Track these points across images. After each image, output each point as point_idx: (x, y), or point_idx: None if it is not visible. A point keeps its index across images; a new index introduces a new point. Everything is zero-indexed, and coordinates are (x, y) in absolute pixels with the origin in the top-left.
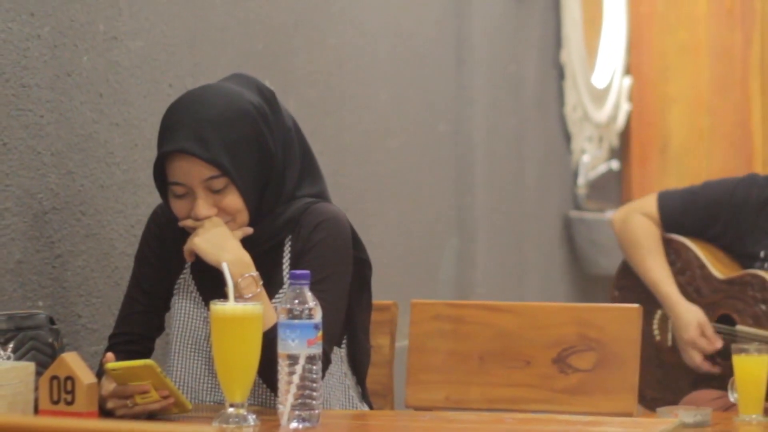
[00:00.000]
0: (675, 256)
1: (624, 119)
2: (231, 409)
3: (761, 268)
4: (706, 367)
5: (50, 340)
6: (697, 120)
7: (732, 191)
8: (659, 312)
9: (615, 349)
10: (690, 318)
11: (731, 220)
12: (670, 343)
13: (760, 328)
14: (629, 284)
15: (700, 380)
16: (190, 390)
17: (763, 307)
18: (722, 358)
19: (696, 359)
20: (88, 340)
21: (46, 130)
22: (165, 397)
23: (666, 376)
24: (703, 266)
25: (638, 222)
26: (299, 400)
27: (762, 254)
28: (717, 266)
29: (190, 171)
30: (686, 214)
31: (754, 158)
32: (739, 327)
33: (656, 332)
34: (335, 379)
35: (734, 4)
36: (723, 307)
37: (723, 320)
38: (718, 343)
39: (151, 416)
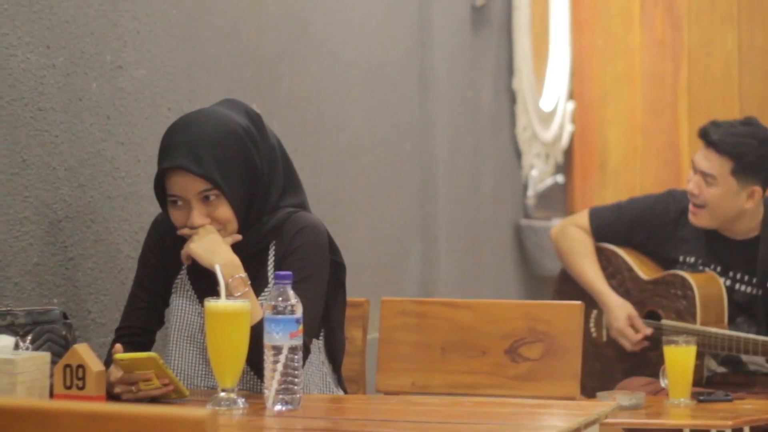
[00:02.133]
0: (606, 262)
1: (568, 138)
2: (223, 394)
3: (680, 269)
4: (636, 349)
5: (64, 332)
6: (631, 139)
7: (653, 205)
8: (595, 312)
9: (560, 341)
10: (620, 310)
11: (653, 230)
12: (605, 338)
13: (681, 321)
14: (567, 289)
15: (633, 370)
16: (186, 377)
17: (684, 302)
18: (650, 349)
19: (627, 346)
20: (97, 333)
21: (60, 148)
22: (165, 385)
23: (603, 368)
24: (630, 269)
25: (573, 233)
26: (283, 386)
27: (681, 258)
28: (643, 269)
29: (186, 185)
30: (614, 226)
31: (682, 173)
32: (664, 321)
33: (593, 330)
34: (314, 367)
35: (665, 36)
36: (649, 304)
37: (650, 316)
38: (648, 330)
39: (153, 400)
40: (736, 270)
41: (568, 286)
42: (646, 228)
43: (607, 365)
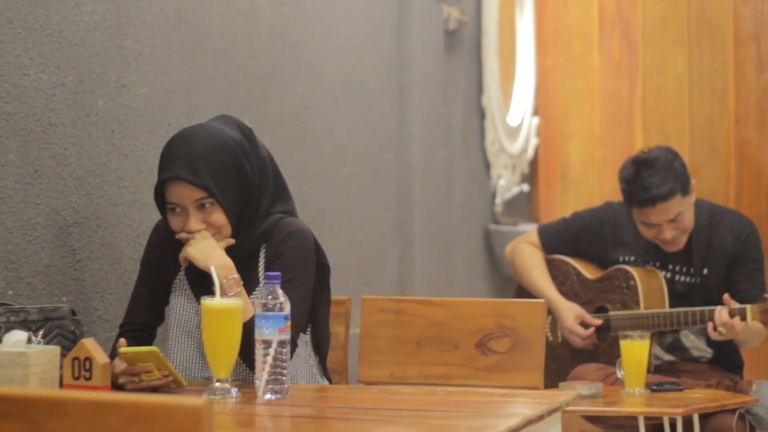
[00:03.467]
0: (557, 271)
1: (532, 151)
2: (217, 384)
3: None
4: (585, 345)
5: (72, 328)
6: (591, 152)
7: (594, 216)
8: (550, 317)
9: (525, 336)
10: (568, 312)
11: (596, 238)
12: (560, 339)
13: (627, 309)
14: None
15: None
16: (184, 369)
17: (628, 292)
18: (600, 340)
19: (577, 342)
20: (103, 328)
21: (69, 160)
22: (165, 376)
23: (559, 368)
24: (578, 273)
25: (524, 248)
26: (272, 377)
27: (621, 259)
28: (589, 271)
29: (184, 193)
30: (561, 238)
31: None
32: (612, 312)
33: (548, 334)
34: (301, 359)
35: (621, 58)
36: (597, 301)
37: (599, 311)
38: (598, 321)
39: (154, 390)
40: (674, 263)
41: (524, 296)
42: (590, 236)
43: (563, 365)
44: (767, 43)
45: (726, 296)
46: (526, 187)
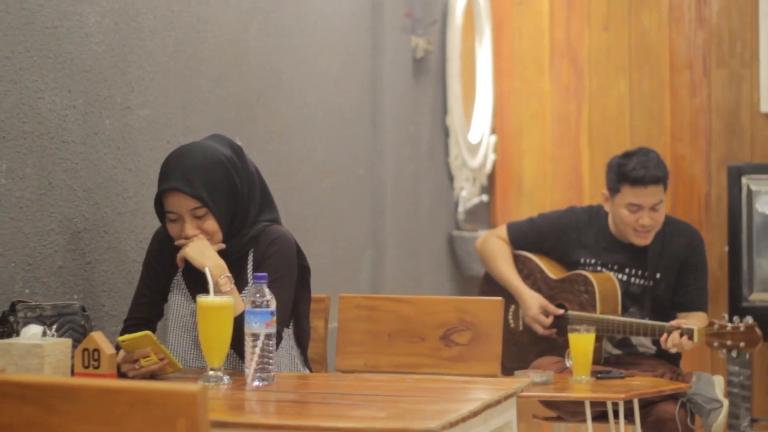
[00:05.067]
0: (522, 266)
1: (491, 165)
2: (211, 372)
3: (582, 270)
4: (547, 334)
5: (82, 323)
6: (542, 166)
7: (559, 219)
8: (513, 306)
9: (484, 330)
10: (533, 301)
11: (559, 238)
12: (521, 327)
13: (584, 311)
14: (489, 288)
15: (544, 353)
16: (181, 359)
17: (586, 296)
18: (558, 335)
19: (539, 330)
20: (109, 323)
21: (79, 174)
22: (161, 359)
23: (519, 352)
24: (542, 271)
25: (493, 242)
26: (260, 366)
27: (581, 261)
28: (552, 270)
29: (180, 203)
30: (527, 236)
31: (583, 194)
32: (570, 312)
33: (511, 321)
34: (285, 350)
35: (569, 82)
36: (557, 299)
37: (558, 308)
38: (560, 311)
39: (153, 377)
40: (630, 267)
41: (490, 286)
42: (553, 237)
43: (523, 350)
44: (699, 69)
45: (675, 321)
46: (485, 198)
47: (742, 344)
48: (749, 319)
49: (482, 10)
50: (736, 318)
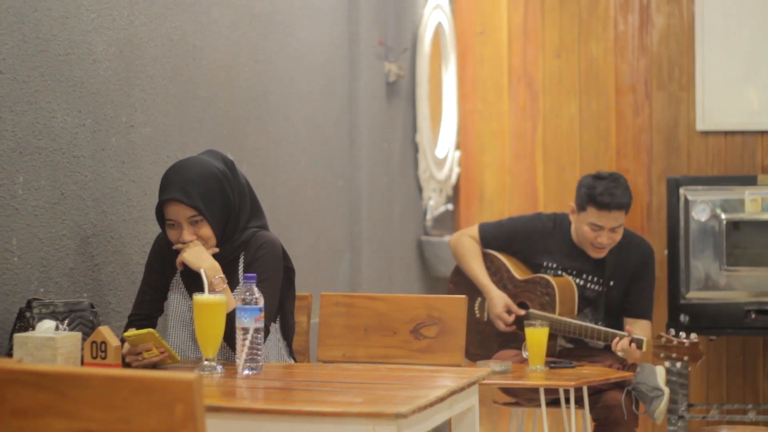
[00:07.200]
0: (490, 264)
1: (455, 178)
2: (206, 362)
3: (545, 272)
4: (508, 330)
5: (91, 318)
6: (502, 179)
7: (526, 223)
8: (479, 299)
9: (450, 324)
10: (499, 300)
11: (526, 241)
12: (486, 318)
13: (544, 311)
14: (459, 280)
15: (505, 343)
16: (179, 350)
17: (547, 298)
18: (518, 329)
19: (501, 326)
20: (115, 318)
21: (88, 185)
22: (162, 352)
23: (482, 340)
24: (508, 270)
25: (465, 241)
26: (249, 356)
27: (545, 263)
28: (517, 271)
29: (179, 212)
30: (497, 237)
31: (538, 203)
32: (531, 310)
33: (477, 311)
34: (272, 343)
35: (526, 103)
36: (521, 297)
37: (520, 306)
38: (521, 312)
39: (154, 367)
40: (588, 273)
41: (459, 278)
42: (520, 240)
43: (486, 338)
44: (641, 92)
45: (628, 328)
46: (450, 207)
47: (686, 358)
48: (694, 336)
49: (448, 39)
50: (682, 333)
